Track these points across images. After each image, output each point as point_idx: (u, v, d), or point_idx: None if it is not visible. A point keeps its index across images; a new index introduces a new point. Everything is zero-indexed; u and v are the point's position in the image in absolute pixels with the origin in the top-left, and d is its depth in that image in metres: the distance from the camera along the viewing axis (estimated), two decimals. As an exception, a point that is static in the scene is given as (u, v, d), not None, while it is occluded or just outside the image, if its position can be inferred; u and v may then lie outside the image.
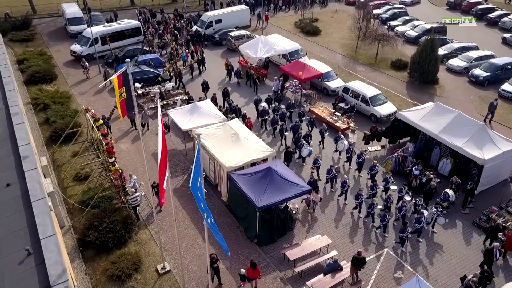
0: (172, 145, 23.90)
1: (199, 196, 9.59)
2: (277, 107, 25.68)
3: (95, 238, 16.52)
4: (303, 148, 21.98)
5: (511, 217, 18.45)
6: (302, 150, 22.01)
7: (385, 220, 17.76)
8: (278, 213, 17.34)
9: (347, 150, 22.06)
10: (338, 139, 22.62)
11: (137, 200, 18.03)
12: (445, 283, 15.95)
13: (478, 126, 20.31)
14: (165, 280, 15.66)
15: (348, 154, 22.09)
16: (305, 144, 22.15)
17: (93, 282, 15.48)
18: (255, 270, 14.61)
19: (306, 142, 22.49)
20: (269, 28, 42.66)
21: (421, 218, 17.41)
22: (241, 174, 17.93)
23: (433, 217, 17.90)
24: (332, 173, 20.20)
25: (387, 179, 19.80)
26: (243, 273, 14.80)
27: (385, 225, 17.99)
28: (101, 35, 34.53)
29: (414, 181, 20.20)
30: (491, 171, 19.54)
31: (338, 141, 22.53)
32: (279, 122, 24.71)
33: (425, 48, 29.80)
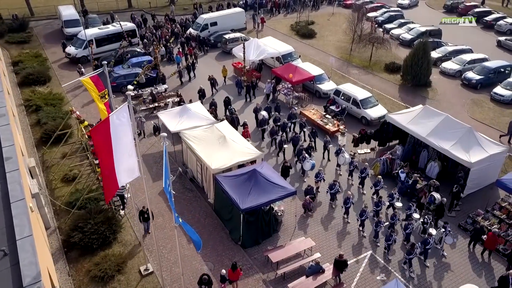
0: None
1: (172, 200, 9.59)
2: (277, 117, 24.80)
3: (79, 239, 16.61)
4: (305, 161, 20.70)
5: (496, 220, 18.45)
6: (304, 163, 20.71)
7: (390, 240, 16.67)
8: (262, 215, 17.38)
9: (349, 164, 20.99)
10: (339, 152, 21.47)
11: (124, 188, 18.38)
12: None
13: (465, 129, 20.32)
14: (147, 281, 15.72)
15: (350, 168, 21.03)
16: (308, 157, 20.98)
17: (75, 283, 15.55)
18: (235, 272, 14.65)
19: (308, 154, 21.39)
20: (265, 31, 42.77)
21: (428, 239, 16.29)
22: (226, 176, 18.00)
23: (441, 236, 16.89)
24: (336, 188, 19.31)
25: (392, 195, 18.85)
26: (223, 273, 14.84)
27: (390, 245, 16.97)
28: (96, 38, 34.78)
29: (424, 198, 19.14)
30: (478, 174, 19.53)
31: (339, 154, 21.41)
32: (278, 132, 23.84)
33: (418, 51, 29.85)
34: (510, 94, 28.79)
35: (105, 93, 11.35)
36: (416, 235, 18.01)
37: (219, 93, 29.89)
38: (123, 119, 9.75)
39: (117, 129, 9.67)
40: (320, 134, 24.40)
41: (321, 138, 23.81)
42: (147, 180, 21.19)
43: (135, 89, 29.11)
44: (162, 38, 37.43)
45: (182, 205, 19.63)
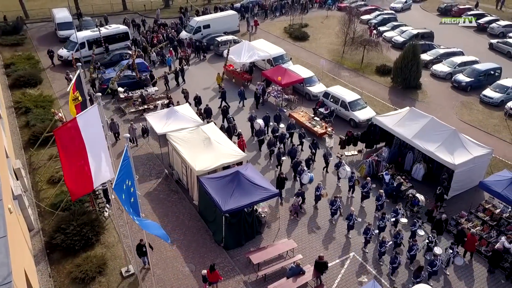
0: (149, 149, 24.06)
1: (122, 198, 9.38)
2: (276, 127, 23.92)
3: (62, 240, 16.65)
4: (303, 174, 19.77)
5: (480, 221, 18.48)
6: (302, 176, 19.77)
7: (396, 263, 15.70)
8: (245, 217, 17.42)
9: (350, 178, 20.00)
10: (339, 165, 20.62)
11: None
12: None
13: (450, 131, 20.38)
14: (128, 283, 15.74)
15: (350, 182, 20.02)
16: (306, 170, 20.10)
17: (56, 284, 15.56)
18: (212, 273, 14.67)
19: (307, 167, 20.69)
20: (258, 34, 42.88)
21: (435, 261, 15.35)
22: (210, 178, 18.04)
23: (449, 258, 16.09)
24: (336, 205, 18.48)
25: (397, 210, 17.90)
26: (204, 274, 14.90)
27: (395, 268, 15.99)
28: (88, 40, 34.95)
29: (436, 211, 18.19)
30: (462, 176, 19.58)
31: (339, 167, 20.58)
32: (276, 144, 22.79)
33: (407, 53, 29.94)
34: (499, 96, 28.86)
35: (77, 95, 11.42)
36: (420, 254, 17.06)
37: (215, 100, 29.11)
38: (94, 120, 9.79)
39: (89, 130, 9.70)
40: (309, 136, 24.35)
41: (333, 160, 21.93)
42: (133, 182, 21.26)
43: (125, 91, 29.26)
44: (153, 42, 37.44)
45: (167, 206, 19.66)
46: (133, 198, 9.62)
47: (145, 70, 32.33)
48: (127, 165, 9.37)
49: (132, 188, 9.61)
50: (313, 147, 22.33)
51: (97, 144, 10.16)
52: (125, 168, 9.25)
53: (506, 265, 16.48)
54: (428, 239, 16.67)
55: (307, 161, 21.15)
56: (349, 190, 20.50)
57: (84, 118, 9.65)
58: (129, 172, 9.57)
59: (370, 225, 16.96)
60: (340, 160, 20.83)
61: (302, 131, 23.80)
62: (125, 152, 9.32)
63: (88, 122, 9.68)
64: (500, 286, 16.20)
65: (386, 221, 17.60)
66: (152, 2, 53.64)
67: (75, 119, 9.70)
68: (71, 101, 11.49)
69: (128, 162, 9.53)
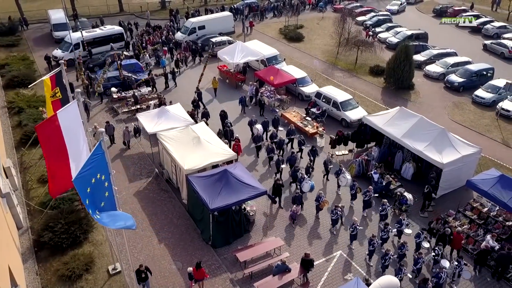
0: (141, 149, 24.15)
1: (87, 191, 9.23)
2: (275, 133, 23.27)
3: (49, 238, 16.72)
4: (303, 183, 19.22)
5: (467, 220, 18.54)
6: (303, 184, 19.22)
7: (400, 274, 14.98)
8: (232, 215, 17.48)
9: (351, 186, 19.54)
10: (339, 173, 20.13)
11: None
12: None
13: (439, 131, 20.45)
14: (115, 280, 15.79)
15: (352, 191, 19.54)
16: (306, 178, 19.52)
17: (43, 282, 15.61)
18: (198, 271, 14.73)
19: (306, 175, 20.11)
20: (254, 35, 43.04)
21: (440, 273, 14.64)
22: (198, 177, 18.11)
23: (456, 271, 15.44)
24: (337, 214, 17.96)
25: (401, 221, 17.28)
26: (190, 271, 14.98)
27: (400, 280, 14.82)
28: (82, 41, 35.12)
29: (435, 223, 17.66)
30: (450, 175, 19.64)
31: (339, 175, 20.15)
32: (275, 151, 22.28)
33: (400, 54, 30.06)
34: (491, 96, 28.95)
35: (56, 91, 11.50)
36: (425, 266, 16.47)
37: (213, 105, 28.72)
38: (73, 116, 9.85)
39: (69, 126, 9.74)
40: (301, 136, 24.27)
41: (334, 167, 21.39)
42: (123, 181, 21.41)
43: (118, 91, 29.38)
44: (147, 44, 37.56)
45: (156, 205, 19.73)
46: (107, 192, 9.65)
47: (140, 70, 32.51)
48: (99, 159, 9.35)
49: (106, 183, 9.63)
50: (312, 154, 21.80)
51: (77, 141, 10.21)
52: (96, 162, 9.20)
53: (491, 263, 16.51)
54: (434, 252, 16.06)
55: (306, 169, 20.55)
56: (351, 199, 19.91)
57: (64, 114, 9.71)
58: (102, 166, 9.53)
59: (375, 236, 16.30)
60: (340, 168, 20.32)
61: (301, 137, 23.07)
62: (97, 146, 9.28)
63: (68, 118, 9.73)
64: (486, 284, 16.20)
65: (389, 232, 17.00)
66: (148, 4, 53.86)
67: (55, 115, 9.75)
68: (48, 97, 11.55)
69: (102, 156, 9.53)
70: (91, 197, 9.09)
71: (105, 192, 9.56)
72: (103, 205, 9.68)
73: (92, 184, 9.01)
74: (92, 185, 9.03)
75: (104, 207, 9.70)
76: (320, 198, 18.59)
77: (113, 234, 15.46)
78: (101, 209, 9.61)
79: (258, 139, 23.00)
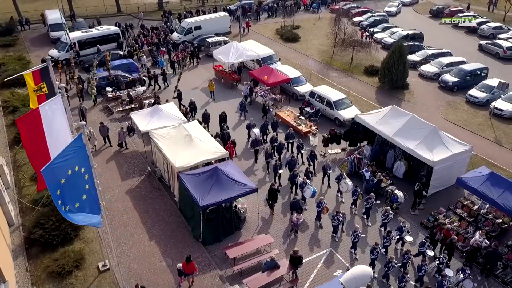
0: (134, 147, 24.23)
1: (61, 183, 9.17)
2: (274, 137, 22.82)
3: (40, 235, 16.79)
4: (305, 188, 18.83)
5: (457, 217, 18.60)
6: (305, 190, 18.84)
7: (403, 282, 14.65)
8: (223, 213, 17.54)
9: (353, 192, 19.20)
10: (340, 178, 19.71)
11: None
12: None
13: (430, 129, 20.52)
14: (104, 277, 15.86)
15: (354, 196, 19.21)
16: (308, 183, 19.07)
17: (33, 278, 15.68)
18: (189, 265, 14.89)
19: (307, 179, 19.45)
20: (250, 35, 43.16)
21: (443, 282, 14.41)
22: (189, 174, 18.19)
23: (459, 281, 15.13)
24: (338, 221, 17.52)
25: (401, 228, 17.06)
26: (179, 267, 15.06)
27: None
28: (78, 40, 35.26)
29: (439, 234, 16.99)
30: (441, 173, 19.69)
31: (340, 181, 19.73)
32: (273, 156, 22.03)
33: (393, 53, 30.15)
34: (484, 96, 29.03)
35: (41, 86, 11.59)
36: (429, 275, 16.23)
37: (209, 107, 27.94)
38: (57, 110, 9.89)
39: (51, 121, 9.77)
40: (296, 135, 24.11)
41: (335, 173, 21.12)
42: (116, 179, 21.49)
43: (113, 90, 29.49)
44: (144, 45, 37.61)
45: (148, 203, 19.80)
46: (88, 185, 9.68)
47: (135, 70, 32.62)
48: (79, 152, 9.36)
49: (86, 175, 9.64)
50: (311, 159, 21.32)
51: (59, 135, 10.23)
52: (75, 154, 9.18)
53: (480, 260, 16.56)
54: (438, 260, 15.72)
55: (306, 174, 19.95)
56: (352, 204, 19.64)
57: (47, 109, 9.75)
58: (81, 159, 9.52)
59: (378, 245, 15.91)
60: (341, 173, 19.87)
61: (300, 141, 22.65)
62: (77, 138, 9.29)
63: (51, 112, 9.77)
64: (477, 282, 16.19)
65: (391, 240, 16.69)
66: (146, 4, 54.03)
67: (37, 109, 9.80)
68: (32, 92, 11.60)
69: (83, 149, 9.55)
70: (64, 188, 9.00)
71: (86, 184, 9.59)
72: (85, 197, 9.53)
73: (68, 175, 8.99)
74: (68, 177, 9.01)
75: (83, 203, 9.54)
76: (321, 204, 18.11)
77: (104, 231, 15.47)
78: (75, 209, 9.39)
79: (256, 143, 22.59)
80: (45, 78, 11.79)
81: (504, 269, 16.31)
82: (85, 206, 9.67)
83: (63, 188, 8.99)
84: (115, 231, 18.10)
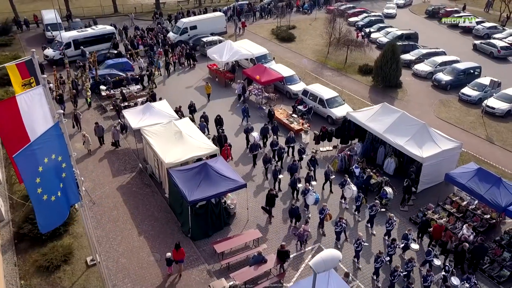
0: (127, 145, 24.31)
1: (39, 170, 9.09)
2: (275, 141, 22.19)
3: (29, 230, 16.87)
4: (308, 195, 18.28)
5: (446, 213, 18.65)
6: (307, 196, 18.30)
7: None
8: (211, 208, 17.61)
9: (356, 198, 18.64)
10: (344, 184, 19.07)
11: None
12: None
13: (420, 125, 20.59)
14: (92, 271, 15.92)
15: (357, 203, 18.61)
16: (311, 190, 18.44)
17: (21, 272, 15.75)
18: (178, 251, 15.19)
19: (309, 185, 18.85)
20: (246, 35, 43.32)
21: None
22: (179, 170, 18.26)
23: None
24: (340, 227, 16.94)
25: (407, 236, 16.40)
26: (168, 256, 15.28)
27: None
28: (74, 40, 35.43)
29: (450, 243, 16.47)
30: (431, 169, 19.75)
31: (344, 186, 19.04)
32: (272, 161, 21.38)
33: (386, 52, 30.28)
34: (477, 94, 29.13)
35: (31, 80, 11.68)
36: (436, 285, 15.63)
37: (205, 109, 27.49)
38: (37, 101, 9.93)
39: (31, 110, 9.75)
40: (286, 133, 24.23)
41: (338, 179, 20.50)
42: (107, 176, 21.57)
43: (107, 89, 29.60)
44: (140, 45, 37.71)
45: (138, 199, 19.86)
46: (65, 173, 9.71)
47: (130, 69, 32.75)
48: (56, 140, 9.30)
49: (64, 164, 9.66)
50: (312, 164, 20.64)
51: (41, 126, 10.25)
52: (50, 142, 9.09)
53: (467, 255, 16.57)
54: (444, 269, 15.17)
55: (307, 180, 19.36)
56: (355, 210, 19.06)
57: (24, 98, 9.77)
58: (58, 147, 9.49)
59: (382, 253, 15.39)
60: (345, 179, 19.22)
61: (301, 146, 22.25)
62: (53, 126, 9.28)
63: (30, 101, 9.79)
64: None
65: (396, 248, 16.06)
66: (143, 5, 54.25)
67: (14, 98, 9.81)
68: (19, 86, 11.66)
69: (61, 138, 9.57)
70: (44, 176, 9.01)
71: (62, 173, 9.62)
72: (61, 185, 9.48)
73: (45, 163, 9.00)
74: (45, 165, 9.03)
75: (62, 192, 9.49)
76: (324, 210, 17.49)
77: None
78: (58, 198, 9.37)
79: (254, 147, 21.87)
80: (33, 73, 11.90)
81: (491, 263, 16.36)
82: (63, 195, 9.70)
83: (43, 176, 9.01)
84: (104, 226, 18.17)
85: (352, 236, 17.65)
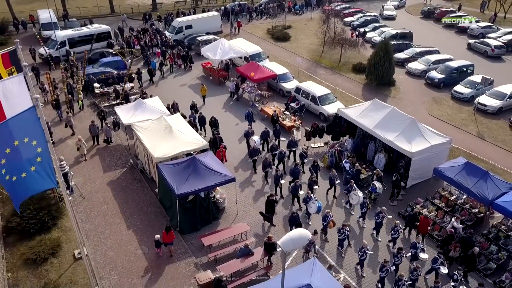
0: (118, 141, 24.38)
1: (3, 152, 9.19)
2: (275, 145, 21.78)
3: (17, 224, 16.93)
4: (310, 202, 17.48)
5: (434, 207, 18.69)
6: (309, 204, 17.48)
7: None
8: (200, 202, 17.64)
9: (362, 204, 17.95)
10: (350, 190, 18.35)
11: (65, 167, 19.03)
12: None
13: (409, 121, 20.66)
14: (79, 264, 15.94)
15: (363, 209, 17.93)
16: (313, 197, 17.71)
17: (8, 265, 15.78)
18: (168, 234, 15.59)
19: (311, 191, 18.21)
20: (241, 35, 43.45)
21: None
22: (168, 164, 18.33)
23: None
24: (344, 234, 16.36)
25: (416, 245, 15.61)
26: (157, 238, 15.64)
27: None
28: (69, 39, 35.58)
29: (453, 251, 15.76)
30: (420, 164, 19.78)
31: (350, 192, 18.35)
32: (271, 165, 20.89)
33: (379, 51, 30.39)
34: (469, 92, 29.21)
35: (12, 70, 11.79)
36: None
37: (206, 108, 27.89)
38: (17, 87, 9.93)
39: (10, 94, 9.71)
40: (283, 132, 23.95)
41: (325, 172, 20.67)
42: (97, 171, 21.63)
43: (101, 86, 29.70)
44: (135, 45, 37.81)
45: (128, 194, 19.91)
46: (40, 158, 9.72)
47: (123, 68, 32.83)
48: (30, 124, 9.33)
49: (39, 149, 9.67)
50: (314, 169, 20.01)
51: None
52: (22, 125, 9.15)
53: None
54: (453, 278, 14.40)
55: (310, 186, 18.81)
56: (360, 217, 18.36)
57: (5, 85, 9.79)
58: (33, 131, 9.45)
59: (387, 262, 14.74)
60: (351, 184, 18.54)
61: (303, 150, 21.63)
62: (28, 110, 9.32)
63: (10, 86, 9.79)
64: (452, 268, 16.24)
65: (402, 257, 15.33)
66: (139, 5, 54.44)
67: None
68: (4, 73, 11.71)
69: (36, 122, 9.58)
70: (10, 158, 8.99)
71: (37, 157, 9.64)
72: (33, 168, 9.49)
73: (15, 146, 8.98)
74: (14, 147, 9.01)
75: (31, 174, 9.53)
76: (327, 217, 16.89)
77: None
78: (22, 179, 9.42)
79: (254, 152, 21.20)
80: (14, 62, 11.96)
81: (478, 256, 16.34)
82: (33, 177, 9.79)
83: (8, 157, 9.05)
84: (93, 220, 18.22)
85: (357, 244, 17.03)
